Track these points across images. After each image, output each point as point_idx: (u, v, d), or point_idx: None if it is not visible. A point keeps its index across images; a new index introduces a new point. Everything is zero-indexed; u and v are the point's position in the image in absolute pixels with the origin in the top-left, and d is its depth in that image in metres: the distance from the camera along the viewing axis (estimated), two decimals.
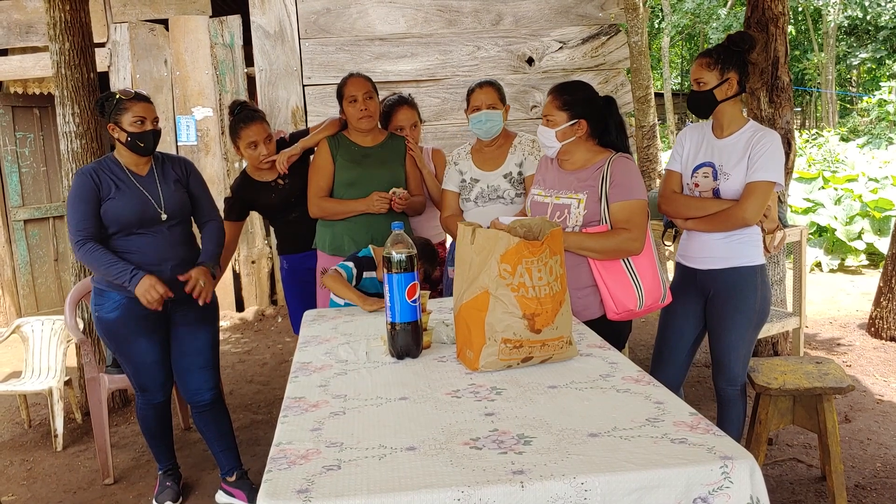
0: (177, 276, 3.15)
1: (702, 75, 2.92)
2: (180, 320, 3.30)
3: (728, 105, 2.94)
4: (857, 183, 9.59)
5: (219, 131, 7.04)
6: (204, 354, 3.35)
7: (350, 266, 3.17)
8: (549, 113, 2.89)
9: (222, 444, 3.43)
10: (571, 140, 2.89)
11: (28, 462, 4.12)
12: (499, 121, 3.36)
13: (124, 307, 3.16)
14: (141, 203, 3.14)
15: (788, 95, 4.77)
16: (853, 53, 25.97)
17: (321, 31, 6.88)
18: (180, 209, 3.25)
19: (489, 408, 1.87)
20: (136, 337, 3.21)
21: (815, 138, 16.50)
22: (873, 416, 4.08)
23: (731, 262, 2.97)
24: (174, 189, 3.24)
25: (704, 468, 1.50)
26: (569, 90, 2.91)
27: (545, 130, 2.91)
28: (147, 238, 3.13)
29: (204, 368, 3.34)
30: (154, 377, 3.30)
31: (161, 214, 3.16)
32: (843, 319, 6.10)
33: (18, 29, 6.84)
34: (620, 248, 2.79)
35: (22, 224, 7.26)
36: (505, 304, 2.10)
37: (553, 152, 2.94)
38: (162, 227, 3.17)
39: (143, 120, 3.11)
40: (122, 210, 3.10)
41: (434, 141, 6.52)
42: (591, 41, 6.95)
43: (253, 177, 3.77)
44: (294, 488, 1.48)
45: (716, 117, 2.99)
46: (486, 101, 3.33)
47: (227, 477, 3.45)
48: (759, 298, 2.98)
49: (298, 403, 1.97)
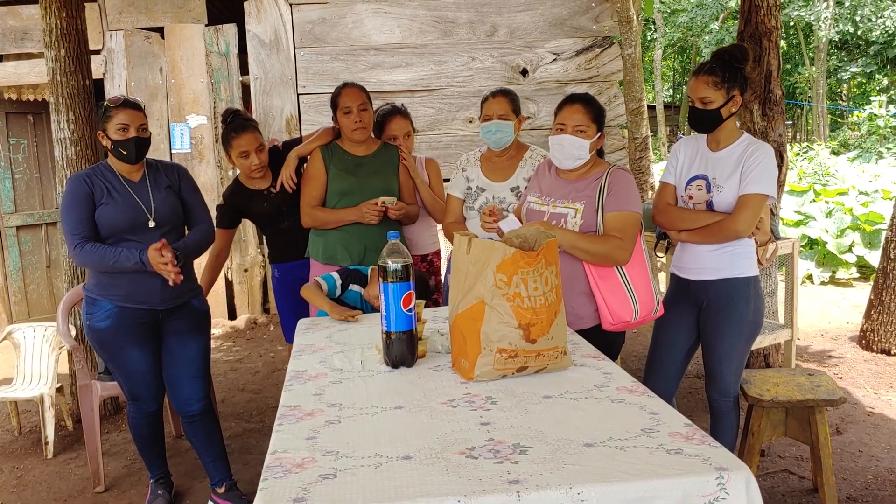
0: (168, 286, 3.11)
1: (707, 94, 2.91)
2: (171, 329, 3.28)
3: (729, 120, 2.96)
4: (847, 196, 9.64)
5: (213, 139, 7.04)
6: (194, 364, 3.31)
7: (334, 277, 3.18)
8: (583, 123, 2.87)
9: (212, 454, 3.40)
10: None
11: (18, 469, 4.09)
12: (509, 132, 3.33)
13: (116, 316, 3.15)
14: (132, 209, 3.12)
15: (781, 109, 4.80)
16: (844, 68, 26.18)
17: (316, 40, 6.89)
18: (171, 216, 3.23)
19: (484, 417, 1.87)
20: (127, 346, 3.19)
21: (805, 151, 16.60)
22: (864, 428, 4.09)
23: (724, 274, 2.98)
24: (165, 195, 3.22)
25: (700, 479, 1.51)
26: (594, 103, 2.93)
27: (579, 141, 2.87)
28: (138, 245, 3.10)
29: (194, 378, 3.31)
30: (146, 387, 3.28)
31: (149, 221, 3.14)
32: (834, 332, 6.12)
33: (13, 35, 6.83)
34: (609, 255, 2.82)
35: (14, 230, 7.23)
36: (500, 313, 2.11)
37: (578, 163, 2.93)
38: (153, 234, 3.15)
39: (126, 127, 3.07)
40: (113, 216, 3.08)
41: (428, 151, 6.52)
42: (584, 53, 6.98)
43: (245, 185, 3.77)
44: (290, 497, 1.48)
45: (713, 131, 3.01)
46: (497, 112, 3.30)
47: (217, 488, 3.43)
48: (751, 310, 2.99)
49: (293, 412, 1.97)
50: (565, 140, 2.89)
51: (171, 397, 3.36)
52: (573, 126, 2.87)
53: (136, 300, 3.16)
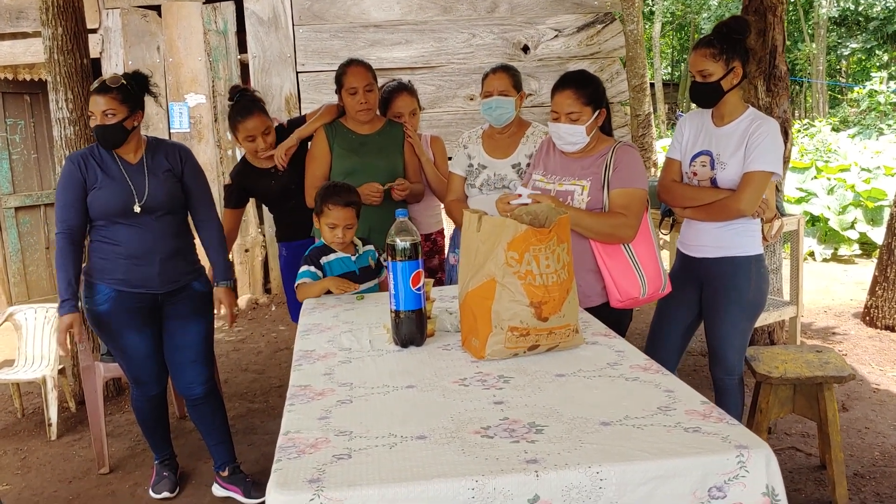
0: (167, 269, 3.11)
1: (706, 66, 2.86)
2: (172, 313, 3.24)
3: (732, 94, 2.90)
4: (849, 173, 9.61)
5: (212, 118, 6.97)
6: (196, 348, 3.27)
7: (310, 271, 3.08)
8: (575, 109, 2.81)
9: (216, 437, 3.39)
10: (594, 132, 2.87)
11: (22, 451, 4.08)
12: (510, 108, 3.27)
13: (114, 300, 3.11)
14: (123, 194, 3.04)
15: (785, 84, 4.76)
16: (844, 44, 26.00)
17: (315, 17, 6.82)
18: (167, 201, 3.12)
19: (498, 396, 1.85)
20: (126, 330, 3.15)
21: (806, 128, 16.52)
22: (870, 405, 4.09)
23: (726, 252, 2.96)
24: (163, 179, 3.13)
25: (720, 457, 1.49)
26: (587, 83, 2.86)
27: (573, 128, 2.83)
28: (134, 229, 3.06)
29: (196, 362, 3.27)
30: (147, 370, 3.25)
31: (135, 206, 3.05)
32: (838, 308, 6.11)
33: (9, 14, 6.74)
34: (614, 232, 2.79)
35: (13, 211, 7.18)
36: (512, 291, 2.08)
37: (578, 147, 2.89)
38: (148, 219, 3.07)
39: (92, 115, 2.99)
40: (103, 200, 3.02)
41: (429, 129, 6.46)
42: (586, 29, 6.91)
43: (252, 163, 3.73)
44: (305, 477, 1.45)
45: (717, 106, 2.96)
46: (497, 87, 3.25)
47: (220, 471, 3.42)
48: (753, 288, 2.96)
49: (304, 392, 1.95)
50: (560, 129, 2.86)
51: (174, 380, 3.33)
52: (565, 114, 2.83)
53: (133, 284, 3.12)
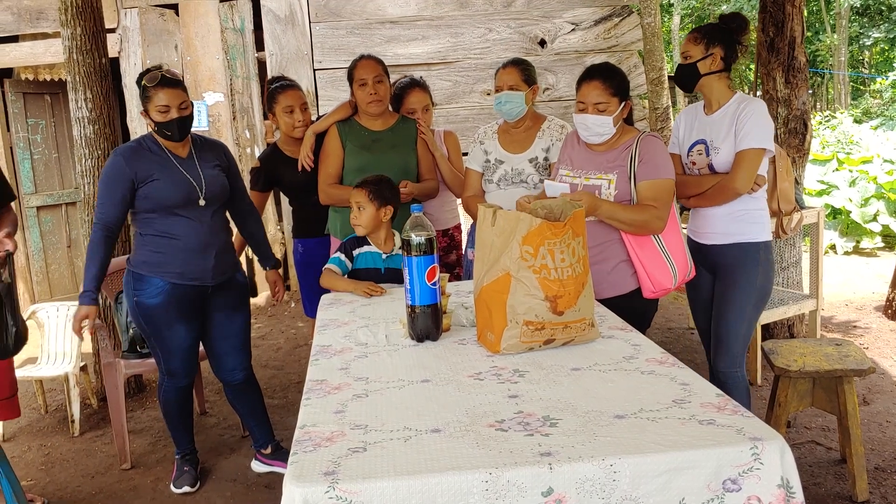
0: (220, 263, 3.23)
1: (688, 49, 2.99)
2: (219, 304, 3.36)
3: (713, 80, 2.98)
4: (871, 165, 9.48)
5: (230, 116, 7.02)
6: (240, 336, 3.46)
7: (339, 258, 3.21)
8: (602, 100, 2.81)
9: (256, 418, 3.59)
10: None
11: (46, 447, 4.14)
12: (519, 102, 3.26)
13: (167, 293, 3.17)
14: (185, 185, 3.12)
15: (805, 76, 4.71)
16: (866, 34, 25.68)
17: (332, 14, 6.84)
18: (220, 194, 3.25)
19: (512, 390, 1.86)
20: (175, 322, 3.23)
21: (828, 120, 16.34)
22: (892, 398, 4.05)
23: (733, 238, 3.00)
24: (217, 174, 3.24)
25: (734, 449, 1.49)
26: (613, 74, 2.86)
27: (600, 119, 2.82)
28: (192, 223, 3.14)
29: (240, 350, 3.46)
30: (184, 362, 3.34)
31: (200, 199, 3.15)
32: (859, 302, 6.05)
33: (29, 15, 6.82)
34: (646, 225, 2.80)
35: (35, 211, 7.26)
36: (527, 286, 2.09)
37: (605, 139, 2.89)
38: (205, 213, 3.18)
39: (167, 109, 3.03)
40: (164, 191, 3.08)
41: (445, 125, 6.47)
42: (603, 23, 6.88)
43: (283, 150, 3.76)
44: (321, 470, 1.47)
45: (704, 94, 3.04)
46: (507, 82, 3.25)
47: (263, 449, 3.60)
48: (760, 275, 2.98)
49: (321, 386, 1.97)
50: (587, 119, 2.86)
51: (217, 367, 3.48)
52: (592, 104, 2.84)
53: (190, 277, 3.19)
